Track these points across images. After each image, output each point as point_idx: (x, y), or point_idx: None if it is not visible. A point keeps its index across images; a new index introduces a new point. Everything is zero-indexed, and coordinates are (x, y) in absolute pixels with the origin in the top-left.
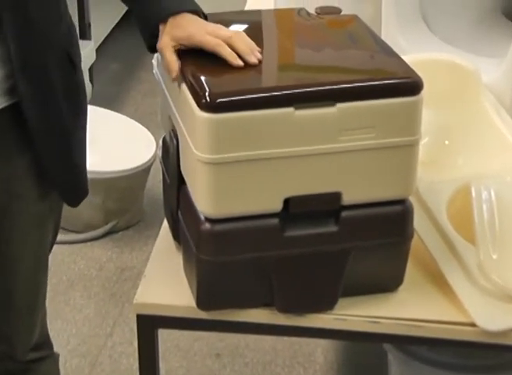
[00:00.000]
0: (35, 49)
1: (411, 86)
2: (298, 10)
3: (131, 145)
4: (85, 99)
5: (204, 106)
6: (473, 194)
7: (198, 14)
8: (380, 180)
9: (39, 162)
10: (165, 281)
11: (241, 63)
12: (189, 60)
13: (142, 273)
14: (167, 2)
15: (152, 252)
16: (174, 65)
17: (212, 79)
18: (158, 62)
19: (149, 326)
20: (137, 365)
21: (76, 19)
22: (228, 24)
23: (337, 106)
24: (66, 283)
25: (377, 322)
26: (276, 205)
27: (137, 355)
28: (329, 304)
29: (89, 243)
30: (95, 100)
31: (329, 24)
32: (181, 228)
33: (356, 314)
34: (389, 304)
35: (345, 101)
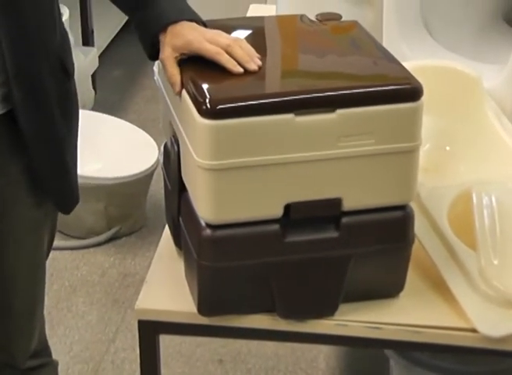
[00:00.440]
0: (30, 57)
1: (411, 92)
2: (300, 16)
3: (134, 151)
4: (77, 107)
5: (205, 113)
6: (474, 199)
7: (197, 23)
8: (381, 186)
9: (33, 170)
10: (167, 287)
11: (241, 70)
12: (189, 67)
13: (145, 279)
14: (166, 12)
15: (154, 258)
16: (176, 78)
17: (212, 85)
18: (159, 69)
19: (150, 331)
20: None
21: (79, 25)
22: (230, 30)
23: (337, 112)
24: (69, 289)
25: (378, 328)
26: (277, 211)
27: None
28: (330, 310)
29: (91, 249)
30: (98, 106)
31: (330, 30)
32: (182, 234)
33: (357, 320)
34: (390, 310)
35: (345, 107)
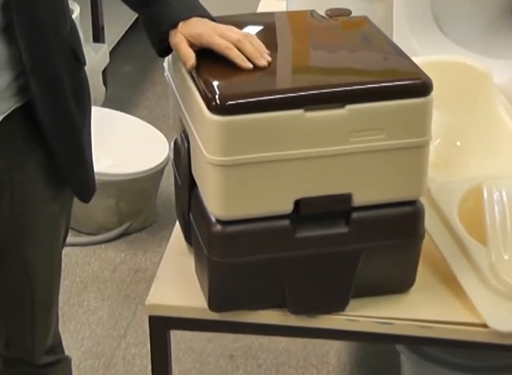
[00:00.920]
0: (44, 48)
1: (421, 87)
2: (310, 12)
3: (144, 148)
4: (89, 96)
5: (215, 109)
6: (484, 195)
7: (207, 19)
8: (391, 181)
9: (51, 161)
10: (177, 283)
11: (250, 66)
12: (199, 62)
13: (155, 275)
14: (176, 10)
15: (164, 254)
16: (190, 55)
17: (222, 81)
18: (169, 65)
19: (161, 327)
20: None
21: (90, 22)
22: (241, 26)
23: (347, 108)
24: (80, 285)
25: (389, 323)
26: (287, 207)
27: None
28: (341, 305)
29: (103, 245)
30: (109, 103)
31: (340, 26)
32: (192, 230)
33: (368, 315)
34: (401, 305)
35: (355, 102)
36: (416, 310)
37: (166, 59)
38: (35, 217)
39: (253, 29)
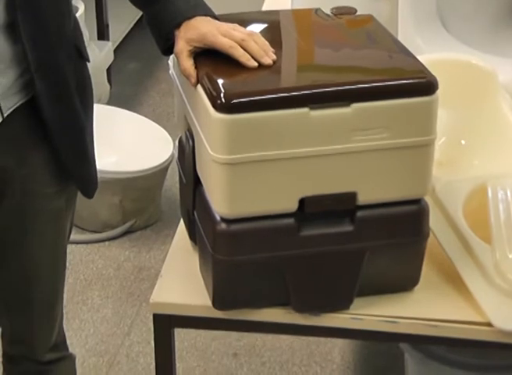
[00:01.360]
0: (49, 46)
1: (426, 86)
2: (315, 10)
3: (149, 145)
4: (92, 93)
5: (219, 107)
6: (489, 193)
7: (211, 17)
8: (395, 180)
9: (55, 157)
10: (182, 281)
11: (255, 64)
12: (204, 61)
13: (159, 273)
14: (180, 8)
15: (169, 252)
16: (190, 71)
17: (227, 80)
18: (174, 63)
19: (165, 325)
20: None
21: (94, 20)
22: (246, 24)
23: (352, 106)
24: (84, 282)
25: (393, 322)
26: (292, 205)
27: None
28: (345, 303)
29: (107, 242)
30: (113, 100)
31: (345, 24)
32: (197, 228)
33: (372, 314)
34: (406, 304)
35: (360, 101)
36: (420, 309)
37: (171, 57)
38: (40, 213)
39: (257, 27)
